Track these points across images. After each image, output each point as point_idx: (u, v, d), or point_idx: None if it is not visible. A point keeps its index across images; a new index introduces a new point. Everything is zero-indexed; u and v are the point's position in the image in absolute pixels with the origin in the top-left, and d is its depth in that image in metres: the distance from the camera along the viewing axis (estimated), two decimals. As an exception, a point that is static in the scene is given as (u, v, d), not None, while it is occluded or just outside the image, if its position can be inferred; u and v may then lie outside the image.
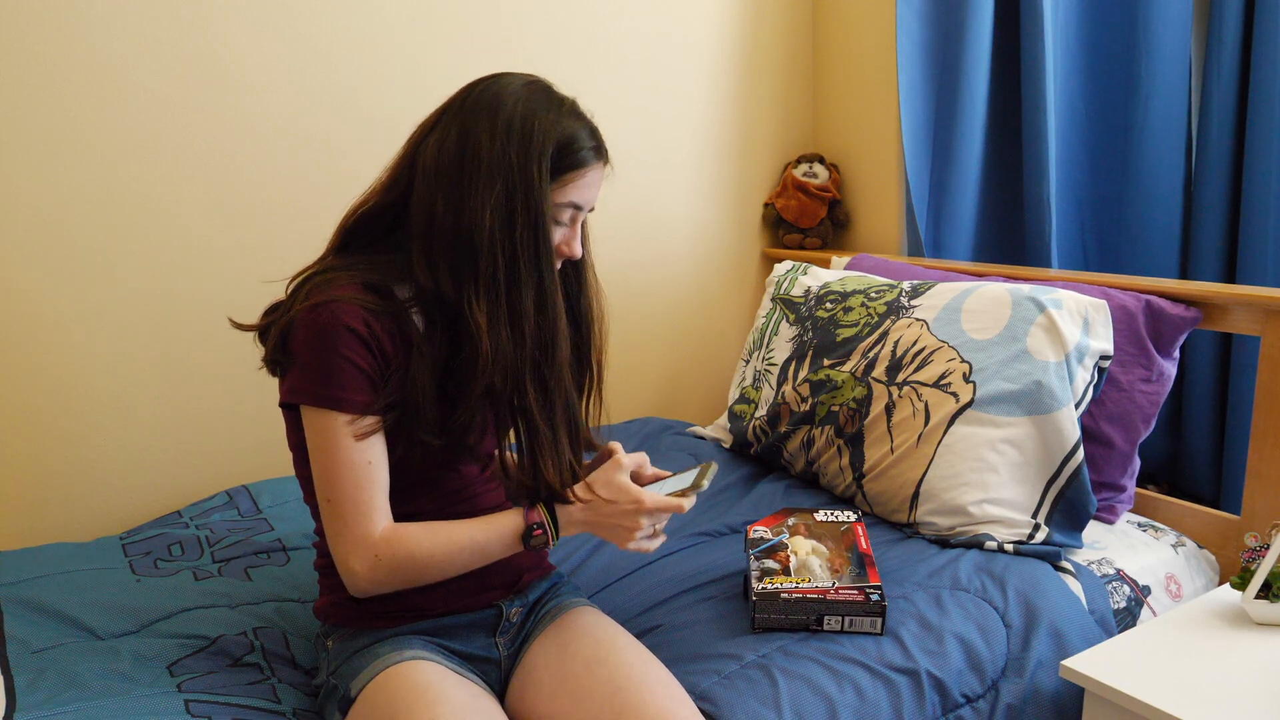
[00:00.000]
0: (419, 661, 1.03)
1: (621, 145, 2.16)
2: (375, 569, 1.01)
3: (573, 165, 1.06)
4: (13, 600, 1.30)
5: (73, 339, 1.62)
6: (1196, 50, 1.90)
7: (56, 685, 1.10)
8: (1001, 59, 2.04)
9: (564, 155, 1.05)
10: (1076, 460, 1.48)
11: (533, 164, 1.02)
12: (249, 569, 1.43)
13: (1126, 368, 1.60)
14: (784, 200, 2.36)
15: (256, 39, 1.70)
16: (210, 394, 1.74)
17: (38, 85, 1.54)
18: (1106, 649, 1.23)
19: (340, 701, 1.04)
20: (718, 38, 2.26)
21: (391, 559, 1.01)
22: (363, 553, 1.01)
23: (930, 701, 1.15)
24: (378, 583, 1.03)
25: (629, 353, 2.24)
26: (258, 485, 1.73)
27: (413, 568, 1.03)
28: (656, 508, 1.07)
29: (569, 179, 1.06)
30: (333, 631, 1.12)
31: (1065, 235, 2.04)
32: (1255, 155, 1.75)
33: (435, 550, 1.03)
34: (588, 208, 1.11)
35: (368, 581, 1.02)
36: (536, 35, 2.00)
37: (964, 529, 1.46)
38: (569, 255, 1.10)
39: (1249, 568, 1.34)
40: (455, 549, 1.04)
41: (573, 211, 1.08)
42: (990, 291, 1.62)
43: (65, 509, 1.66)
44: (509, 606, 1.15)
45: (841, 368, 1.69)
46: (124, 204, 1.63)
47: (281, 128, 1.74)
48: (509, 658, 1.14)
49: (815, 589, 1.23)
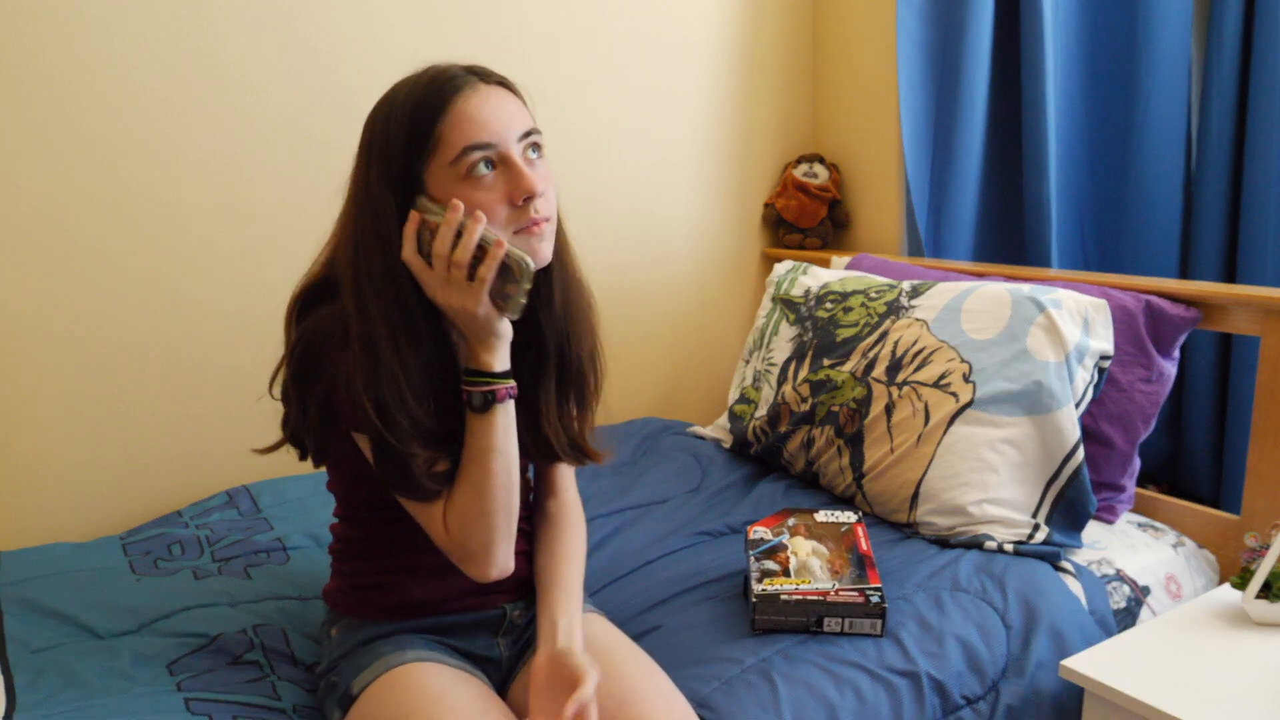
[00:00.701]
0: (422, 663, 1.03)
1: (622, 145, 2.17)
2: (466, 561, 1.01)
3: (436, 111, 0.94)
4: (13, 600, 1.31)
5: (73, 339, 1.62)
6: (1196, 50, 1.90)
7: (56, 685, 1.10)
8: (1001, 59, 2.04)
9: (421, 113, 0.94)
10: (1076, 460, 1.48)
11: (373, 168, 0.96)
12: (249, 568, 1.43)
13: (1126, 368, 1.60)
14: (784, 200, 2.35)
15: (257, 39, 1.70)
16: (210, 394, 1.74)
17: (37, 85, 1.54)
18: (1106, 649, 1.23)
19: (341, 699, 1.04)
20: (717, 38, 2.26)
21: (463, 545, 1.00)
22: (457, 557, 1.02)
23: (930, 704, 1.15)
24: (477, 558, 1.01)
25: (629, 353, 2.24)
26: (258, 485, 1.73)
27: (480, 525, 0.99)
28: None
29: (442, 129, 0.94)
30: (338, 620, 1.12)
31: (1065, 235, 2.04)
32: (1255, 155, 1.75)
33: (474, 503, 0.99)
34: (503, 143, 0.95)
35: (477, 566, 1.01)
36: (536, 35, 2.00)
37: (964, 529, 1.46)
38: (528, 193, 0.95)
39: (1249, 568, 1.34)
40: (483, 482, 0.99)
41: (478, 155, 0.94)
42: (990, 291, 1.62)
43: (65, 509, 1.66)
44: (513, 608, 1.14)
45: (841, 368, 1.69)
46: (122, 204, 1.63)
47: (283, 128, 1.74)
48: (510, 659, 1.14)
49: (815, 590, 1.23)
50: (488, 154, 0.95)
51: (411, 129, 0.95)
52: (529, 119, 1.00)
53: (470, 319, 0.96)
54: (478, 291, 0.94)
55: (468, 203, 0.94)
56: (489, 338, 0.97)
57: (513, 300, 0.95)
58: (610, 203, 2.18)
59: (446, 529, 1.00)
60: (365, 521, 1.11)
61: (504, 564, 1.02)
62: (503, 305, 0.96)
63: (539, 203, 0.98)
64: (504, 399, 0.99)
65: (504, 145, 0.96)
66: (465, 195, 0.94)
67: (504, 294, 0.95)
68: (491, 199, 0.95)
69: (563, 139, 2.07)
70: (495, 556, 1.00)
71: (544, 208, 0.99)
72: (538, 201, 0.97)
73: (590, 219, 2.13)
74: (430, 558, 1.08)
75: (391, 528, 1.08)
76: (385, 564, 1.10)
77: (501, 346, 0.99)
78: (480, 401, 0.98)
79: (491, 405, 0.98)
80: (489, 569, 1.01)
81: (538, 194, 0.96)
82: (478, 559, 1.00)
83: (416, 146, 0.95)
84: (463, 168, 0.94)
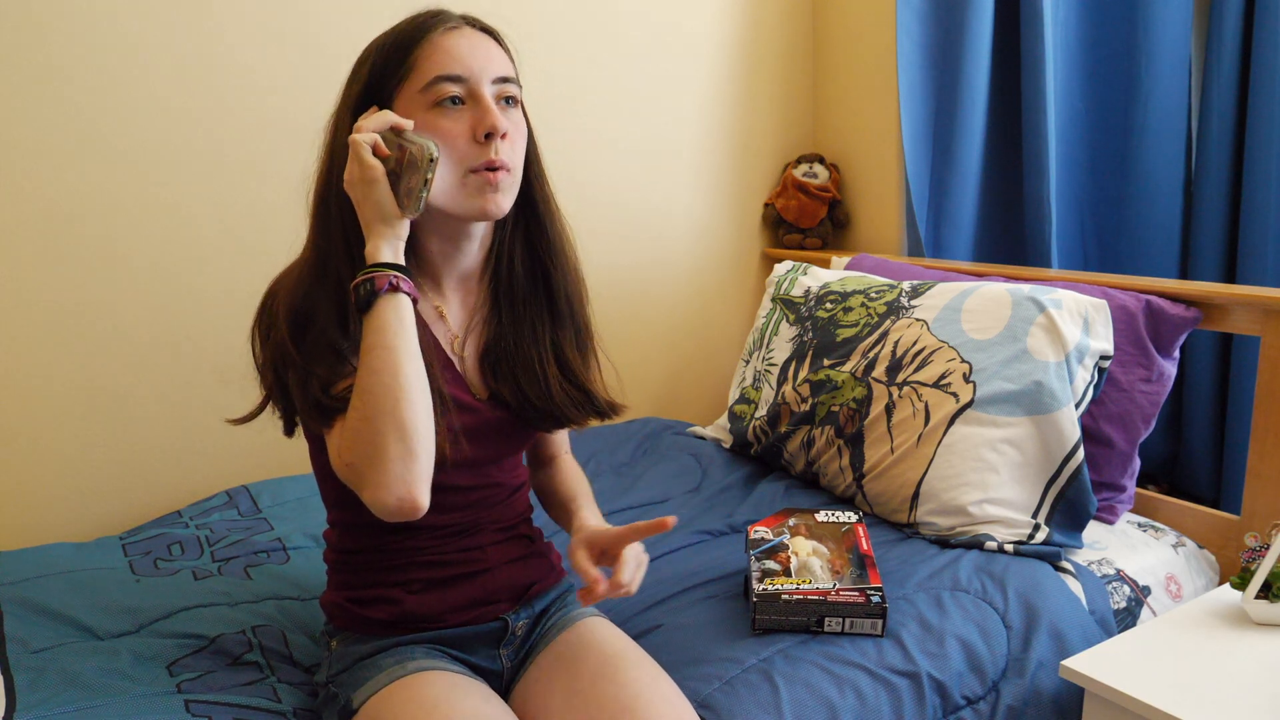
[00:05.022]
0: (423, 674, 1.01)
1: (622, 145, 2.17)
2: (359, 484, 0.90)
3: (416, 39, 0.97)
4: (13, 600, 1.30)
5: (73, 338, 1.62)
6: (1196, 50, 1.90)
7: (56, 685, 1.10)
8: (1001, 59, 2.04)
9: (401, 39, 0.97)
10: (1076, 460, 1.48)
11: (351, 89, 1.00)
12: (248, 568, 1.43)
13: (1126, 368, 1.60)
14: (784, 200, 2.36)
15: (257, 34, 1.70)
16: (210, 394, 1.74)
17: (39, 83, 1.54)
18: (1106, 649, 1.23)
19: (340, 711, 1.03)
20: (718, 38, 2.26)
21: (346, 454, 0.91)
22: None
23: (931, 704, 1.15)
24: (366, 478, 0.89)
25: (629, 352, 2.24)
26: (258, 485, 1.73)
27: (365, 434, 0.89)
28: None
29: (417, 56, 0.96)
30: (336, 633, 1.11)
31: (1065, 235, 2.04)
32: (1255, 155, 1.76)
33: (358, 409, 0.90)
34: (476, 80, 0.97)
35: (369, 490, 0.89)
36: (537, 35, 2.00)
37: (964, 529, 1.46)
38: (490, 128, 0.96)
39: (1249, 568, 1.34)
40: (367, 386, 0.90)
41: (448, 86, 0.96)
42: (990, 291, 1.62)
43: (65, 509, 1.65)
44: (515, 619, 1.12)
45: (841, 368, 1.69)
46: (123, 202, 1.63)
47: (286, 125, 1.74)
48: (511, 669, 1.12)
49: (816, 590, 1.23)
50: (458, 87, 0.96)
51: (389, 54, 0.97)
52: (509, 68, 1.01)
53: (362, 200, 0.93)
54: (373, 172, 0.92)
55: (431, 129, 0.96)
56: (378, 224, 0.93)
57: (414, 195, 0.92)
58: (610, 203, 2.18)
59: (339, 452, 0.92)
60: (355, 533, 1.09)
61: (401, 489, 0.88)
62: (406, 201, 0.93)
63: (502, 146, 0.97)
64: (383, 288, 0.91)
65: (475, 82, 0.97)
66: (430, 122, 0.96)
67: (408, 189, 0.93)
68: (455, 130, 0.96)
69: (563, 139, 2.07)
70: (385, 476, 0.87)
71: (506, 153, 0.98)
72: (500, 143, 0.97)
73: (590, 219, 2.13)
74: (425, 572, 1.07)
75: (382, 540, 1.07)
76: (379, 578, 1.08)
77: (391, 237, 0.93)
78: (364, 293, 0.91)
79: (374, 299, 0.91)
80: (381, 492, 0.88)
81: (500, 130, 0.96)
82: (367, 479, 0.88)
83: (391, 70, 0.97)
84: (431, 96, 0.95)
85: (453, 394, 1.04)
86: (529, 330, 1.09)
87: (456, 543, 1.09)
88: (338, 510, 1.11)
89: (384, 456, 0.88)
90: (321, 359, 0.95)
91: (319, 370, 0.94)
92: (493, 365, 1.09)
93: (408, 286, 0.92)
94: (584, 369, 1.13)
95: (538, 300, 1.10)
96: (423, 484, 0.89)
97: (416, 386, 0.90)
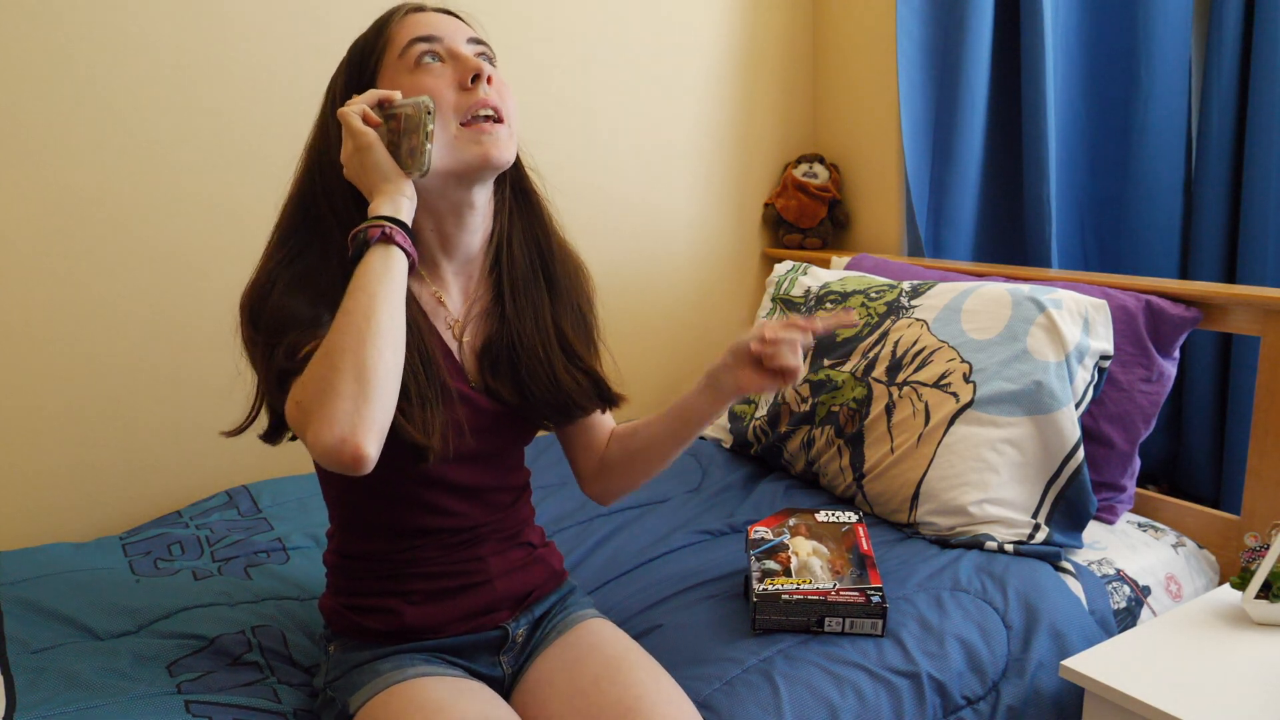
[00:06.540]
0: (423, 679, 1.00)
1: (622, 145, 2.17)
2: (303, 425, 0.85)
3: (389, 19, 1.01)
4: (13, 600, 1.30)
5: (73, 338, 1.62)
6: (1196, 50, 1.90)
7: (56, 685, 1.10)
8: (1001, 59, 2.04)
9: (377, 24, 1.02)
10: (1077, 460, 1.48)
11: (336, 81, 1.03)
12: (249, 568, 1.43)
13: (1126, 368, 1.60)
14: (784, 200, 2.35)
15: (255, 38, 1.70)
16: (210, 394, 1.74)
17: (38, 85, 1.54)
18: (1106, 649, 1.23)
19: (338, 716, 1.03)
20: (718, 38, 2.26)
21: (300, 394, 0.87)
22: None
23: (931, 704, 1.15)
24: (311, 415, 0.84)
25: (629, 352, 2.24)
26: (258, 485, 1.73)
27: (319, 369, 0.85)
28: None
29: (391, 29, 1.00)
30: (335, 637, 1.10)
31: (1065, 235, 2.04)
32: (1255, 155, 1.76)
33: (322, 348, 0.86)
34: (451, 40, 0.98)
35: (312, 428, 0.83)
36: (537, 35, 2.00)
37: (964, 529, 1.46)
38: (475, 70, 0.96)
39: (1249, 568, 1.34)
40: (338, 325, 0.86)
41: (423, 45, 0.97)
42: (990, 291, 1.62)
43: (65, 509, 1.65)
44: (515, 627, 1.11)
45: (841, 368, 1.69)
46: (121, 205, 1.63)
47: (284, 131, 1.74)
48: (512, 674, 1.12)
49: (816, 590, 1.23)
50: (434, 46, 0.98)
51: (364, 41, 1.01)
52: (484, 38, 1.03)
53: (360, 170, 0.94)
54: (366, 138, 0.93)
55: (416, 89, 0.96)
56: (380, 184, 0.92)
57: (419, 151, 0.92)
58: (611, 202, 2.17)
59: (292, 395, 0.87)
60: (357, 537, 1.09)
61: (344, 428, 0.81)
62: (410, 161, 0.93)
63: (490, 91, 0.97)
64: (375, 238, 0.89)
65: (451, 41, 0.98)
66: (415, 84, 0.97)
67: (410, 148, 0.92)
68: (440, 84, 0.96)
69: (563, 139, 2.07)
70: (331, 412, 0.81)
71: (497, 100, 0.97)
72: (488, 88, 0.97)
73: (591, 218, 2.13)
74: (425, 583, 1.07)
75: (383, 546, 1.06)
76: (379, 587, 1.08)
77: (393, 193, 0.92)
78: (358, 243, 0.89)
79: (365, 249, 0.89)
80: (323, 429, 0.81)
81: (484, 72, 0.96)
82: (312, 416, 0.82)
83: (369, 51, 0.99)
84: (410, 58, 0.97)
85: (455, 387, 1.03)
86: (531, 319, 1.09)
87: (458, 553, 1.09)
88: (340, 511, 1.11)
89: (335, 394, 0.82)
90: (292, 325, 0.93)
91: (283, 341, 0.92)
92: (493, 361, 1.08)
93: (402, 239, 0.90)
94: (588, 353, 1.13)
95: (538, 284, 1.10)
96: (371, 432, 0.82)
97: (388, 335, 0.86)
